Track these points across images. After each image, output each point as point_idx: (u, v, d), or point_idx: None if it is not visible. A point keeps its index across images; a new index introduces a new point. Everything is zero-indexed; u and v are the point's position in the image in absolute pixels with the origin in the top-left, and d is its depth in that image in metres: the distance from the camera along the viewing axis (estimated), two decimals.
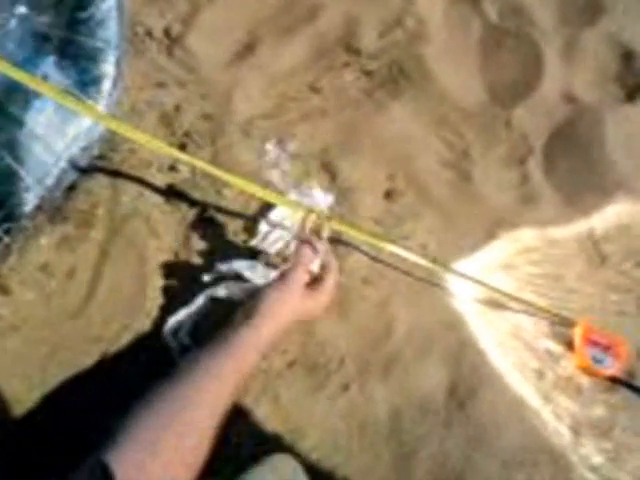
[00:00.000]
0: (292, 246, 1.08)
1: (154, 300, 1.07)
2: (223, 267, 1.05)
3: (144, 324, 1.06)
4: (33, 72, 1.02)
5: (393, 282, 1.15)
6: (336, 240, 1.14)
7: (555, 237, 1.23)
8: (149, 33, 1.22)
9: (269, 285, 0.93)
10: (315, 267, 0.98)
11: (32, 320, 1.03)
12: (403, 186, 1.22)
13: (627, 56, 1.39)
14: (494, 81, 1.34)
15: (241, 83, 1.23)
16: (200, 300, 1.04)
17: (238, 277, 1.06)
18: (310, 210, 1.02)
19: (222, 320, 0.96)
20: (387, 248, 1.11)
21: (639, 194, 1.26)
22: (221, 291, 1.03)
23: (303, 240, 0.98)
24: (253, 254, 1.11)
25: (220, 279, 1.05)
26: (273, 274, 1.04)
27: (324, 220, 1.01)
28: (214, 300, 1.04)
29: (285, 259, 1.10)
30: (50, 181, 1.09)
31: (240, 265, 1.05)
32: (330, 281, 0.97)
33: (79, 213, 1.10)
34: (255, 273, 1.04)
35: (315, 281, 0.96)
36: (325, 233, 1.01)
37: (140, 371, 1.02)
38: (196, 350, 0.85)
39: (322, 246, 0.98)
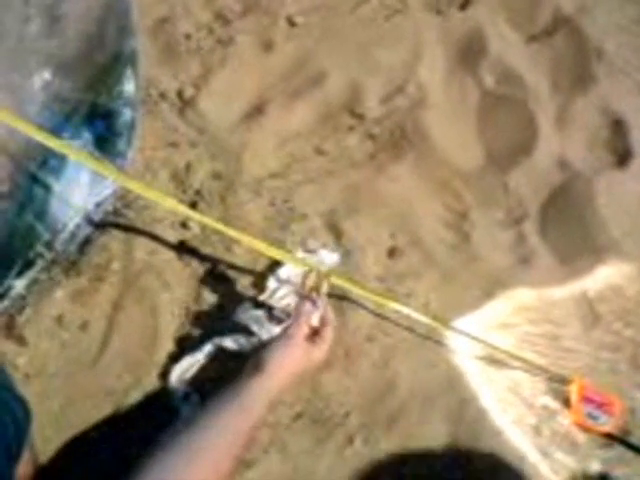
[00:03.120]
0: (294, 302, 1.20)
1: (166, 353, 1.18)
2: (232, 319, 1.17)
3: (156, 377, 1.16)
4: (52, 132, 1.11)
5: (396, 339, 1.26)
6: (341, 297, 1.26)
7: (551, 297, 1.35)
8: (162, 95, 1.35)
9: (274, 340, 1.04)
10: (315, 321, 1.09)
11: (46, 371, 1.13)
12: (405, 245, 1.34)
13: (616, 124, 1.54)
14: (491, 146, 1.48)
15: (250, 144, 1.35)
16: (207, 348, 1.15)
17: (245, 329, 1.17)
18: (310, 269, 1.14)
19: (227, 370, 1.08)
20: (390, 306, 1.22)
21: (630, 256, 1.38)
22: (229, 342, 1.15)
23: (303, 296, 1.10)
24: (261, 309, 1.22)
25: (229, 330, 1.17)
26: (277, 329, 1.16)
27: (322, 277, 1.13)
28: (220, 350, 1.16)
29: (288, 314, 1.21)
30: (65, 236, 1.20)
31: (247, 318, 1.17)
32: (328, 333, 1.08)
33: (93, 267, 1.20)
34: (261, 328, 1.16)
35: (315, 334, 1.08)
36: (324, 289, 1.13)
37: (152, 424, 1.12)
38: (208, 403, 0.96)
39: (321, 301, 1.10)
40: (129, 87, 1.29)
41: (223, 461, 0.89)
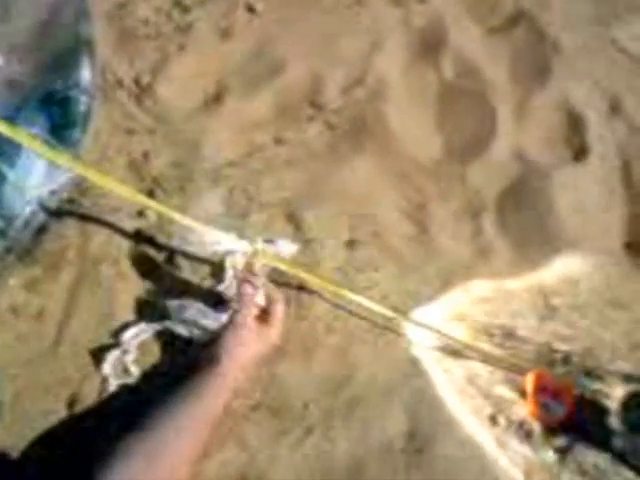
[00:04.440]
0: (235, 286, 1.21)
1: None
2: (178, 315, 1.19)
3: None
4: (5, 119, 1.11)
5: (355, 330, 1.29)
6: (299, 288, 1.28)
7: (507, 289, 1.39)
8: (119, 81, 1.36)
9: (223, 329, 1.08)
10: (260, 300, 1.13)
11: (1, 361, 1.14)
12: (364, 237, 1.37)
13: (574, 118, 1.60)
14: (450, 138, 1.52)
15: (209, 132, 1.37)
16: (158, 326, 1.18)
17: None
18: (233, 251, 1.18)
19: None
20: (348, 296, 1.25)
21: (585, 249, 1.43)
22: (181, 329, 1.18)
23: (241, 280, 1.14)
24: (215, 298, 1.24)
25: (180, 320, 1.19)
26: (224, 317, 1.18)
27: (253, 257, 1.17)
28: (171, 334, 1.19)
29: (232, 300, 1.22)
30: (20, 224, 1.20)
31: (192, 313, 1.19)
32: (278, 309, 1.12)
33: (49, 256, 1.21)
34: (207, 319, 1.18)
35: (264, 313, 1.12)
36: (257, 267, 1.17)
37: (109, 412, 1.14)
38: (166, 403, 0.97)
39: (260, 280, 1.14)
40: (85, 73, 1.29)
41: (183, 461, 0.92)
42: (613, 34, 1.72)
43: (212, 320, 1.19)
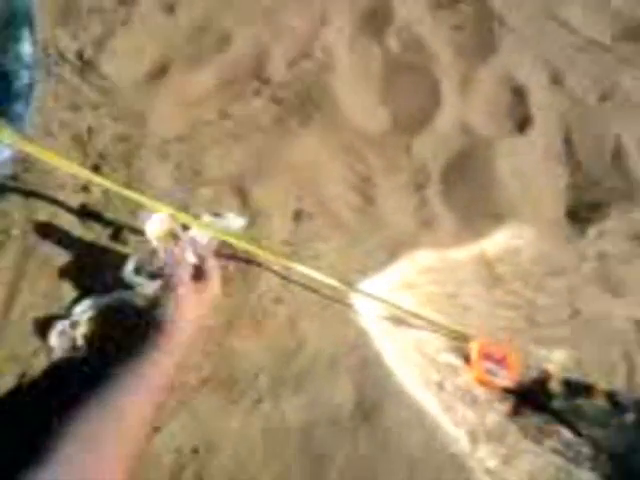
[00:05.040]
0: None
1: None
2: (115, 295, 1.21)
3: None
4: None
5: (303, 301, 1.32)
6: (248, 261, 1.31)
7: (452, 258, 1.43)
8: (62, 55, 1.35)
9: (160, 296, 1.10)
10: (192, 259, 1.15)
11: None
12: (311, 209, 1.40)
13: (516, 91, 1.65)
14: (396, 110, 1.55)
15: (154, 106, 1.37)
16: (107, 299, 1.20)
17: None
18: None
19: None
20: (296, 268, 1.28)
21: (528, 219, 1.49)
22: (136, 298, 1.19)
23: (165, 246, 1.15)
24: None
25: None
26: (156, 284, 1.18)
27: (173, 221, 1.18)
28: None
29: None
30: None
31: (128, 294, 1.21)
32: (211, 263, 1.14)
33: None
34: (140, 286, 1.19)
35: (199, 271, 1.13)
36: (178, 231, 1.18)
37: (58, 388, 1.15)
38: (115, 382, 0.97)
39: (184, 241, 1.16)
40: (26, 48, 1.28)
41: (135, 439, 0.94)
42: (555, 9, 1.75)
43: (146, 287, 1.19)
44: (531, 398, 1.32)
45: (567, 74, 1.69)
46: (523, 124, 1.59)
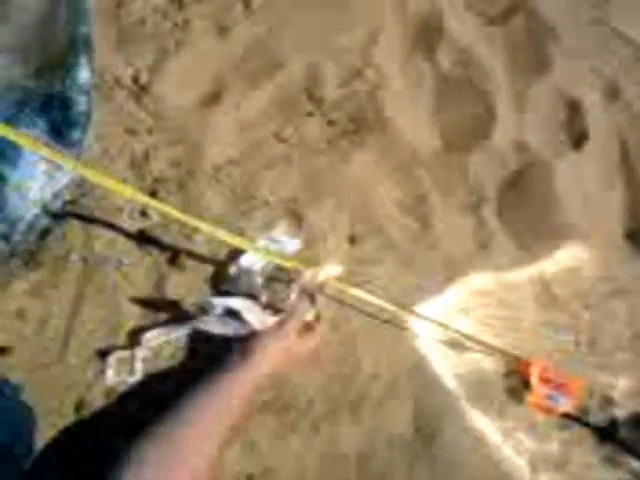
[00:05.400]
0: (292, 295, 1.23)
1: (128, 343, 1.21)
2: (217, 302, 1.19)
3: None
4: (4, 121, 1.11)
5: (358, 325, 1.31)
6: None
7: (509, 280, 1.42)
8: (118, 81, 1.37)
9: (268, 332, 1.10)
10: (309, 317, 1.17)
11: (8, 365, 1.16)
12: (365, 231, 1.39)
13: (572, 106, 1.62)
14: (449, 129, 1.54)
15: (209, 130, 1.38)
16: (184, 328, 1.20)
17: (228, 313, 1.20)
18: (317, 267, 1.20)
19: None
20: (351, 292, 1.28)
21: (586, 238, 1.47)
22: (217, 328, 1.18)
23: (306, 292, 1.17)
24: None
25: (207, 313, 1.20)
26: (270, 319, 1.18)
27: (329, 278, 1.20)
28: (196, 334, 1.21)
29: (280, 307, 1.24)
30: (23, 227, 1.22)
31: (237, 303, 1.19)
32: (317, 332, 1.15)
33: (53, 259, 1.23)
34: (252, 314, 1.18)
35: (306, 328, 1.14)
36: (325, 290, 1.22)
37: (117, 414, 1.16)
38: (192, 393, 1.00)
39: (320, 299, 1.18)
40: (84, 74, 1.29)
41: (205, 451, 0.94)
42: (608, 18, 1.72)
43: (257, 317, 1.19)
44: (595, 426, 1.29)
45: (623, 87, 1.66)
46: (579, 140, 1.57)
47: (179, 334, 1.20)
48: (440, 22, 1.60)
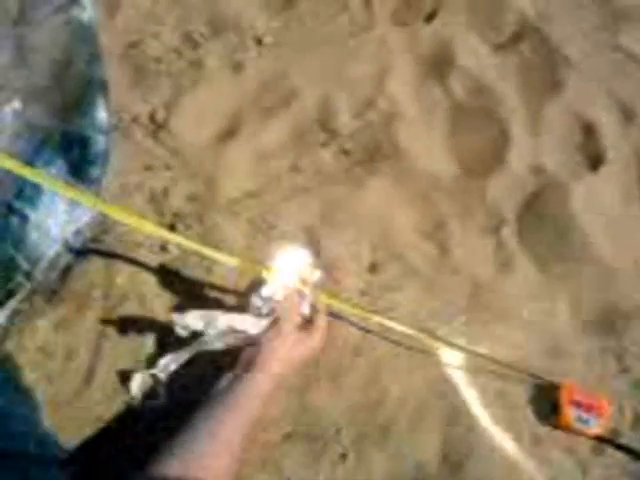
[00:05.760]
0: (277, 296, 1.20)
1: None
2: (213, 325, 1.18)
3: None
4: (25, 161, 1.13)
5: (382, 352, 1.30)
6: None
7: (532, 303, 1.42)
8: (135, 118, 1.39)
9: (265, 334, 1.11)
10: (306, 309, 1.17)
11: None
12: (385, 259, 1.39)
13: (587, 128, 1.62)
14: (465, 155, 1.54)
15: (225, 164, 1.40)
16: (192, 350, 1.18)
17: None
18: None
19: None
20: (374, 319, 1.27)
21: (608, 258, 1.45)
22: (218, 343, 1.17)
23: (291, 288, 1.17)
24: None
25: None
26: (264, 322, 1.17)
27: (310, 274, 1.21)
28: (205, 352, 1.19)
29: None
30: (45, 265, 1.23)
31: (231, 320, 1.17)
32: (322, 320, 1.16)
33: (75, 295, 1.24)
34: (246, 324, 1.17)
35: (308, 323, 1.15)
36: (311, 281, 1.20)
37: (142, 450, 1.16)
38: (202, 405, 1.01)
39: (308, 290, 1.17)
40: (101, 113, 1.32)
41: (223, 463, 0.93)
42: (619, 40, 1.73)
43: (251, 325, 1.17)
44: (627, 447, 1.26)
45: (638, 105, 1.65)
46: (596, 162, 1.56)
47: (187, 356, 1.18)
48: (451, 49, 1.62)
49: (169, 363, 1.17)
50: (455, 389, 1.28)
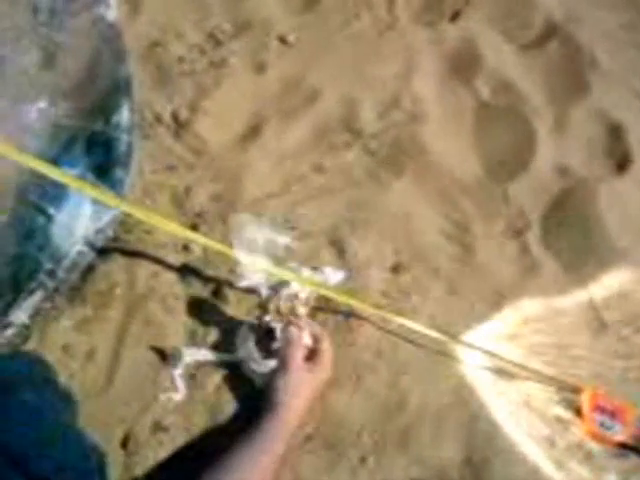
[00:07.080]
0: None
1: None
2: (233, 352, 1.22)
3: (165, 403, 1.20)
4: (50, 161, 1.14)
5: (404, 354, 1.30)
6: (347, 315, 1.30)
7: (557, 306, 1.39)
8: (158, 118, 1.40)
9: (274, 375, 1.12)
10: (307, 340, 1.17)
11: None
12: (409, 260, 1.39)
13: (614, 129, 1.60)
14: (490, 156, 1.54)
15: (248, 164, 1.40)
16: (214, 356, 1.21)
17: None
18: (272, 297, 1.20)
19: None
20: (396, 321, 1.27)
21: (635, 260, 1.44)
22: (245, 368, 1.20)
23: (285, 323, 1.18)
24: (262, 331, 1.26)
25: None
26: (272, 363, 1.19)
27: (294, 299, 1.21)
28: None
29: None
30: (68, 264, 1.24)
31: (245, 357, 1.22)
32: (326, 347, 1.16)
33: (97, 294, 1.25)
34: (259, 365, 1.21)
35: (313, 353, 1.15)
36: (300, 310, 1.21)
37: (164, 451, 1.16)
38: (227, 454, 1.01)
39: (303, 320, 1.19)
40: (125, 114, 1.33)
41: None
42: None
43: (260, 364, 1.20)
44: None
45: None
46: (622, 163, 1.55)
47: (215, 359, 1.21)
48: (476, 49, 1.62)
49: (192, 354, 1.19)
50: (477, 392, 1.27)
